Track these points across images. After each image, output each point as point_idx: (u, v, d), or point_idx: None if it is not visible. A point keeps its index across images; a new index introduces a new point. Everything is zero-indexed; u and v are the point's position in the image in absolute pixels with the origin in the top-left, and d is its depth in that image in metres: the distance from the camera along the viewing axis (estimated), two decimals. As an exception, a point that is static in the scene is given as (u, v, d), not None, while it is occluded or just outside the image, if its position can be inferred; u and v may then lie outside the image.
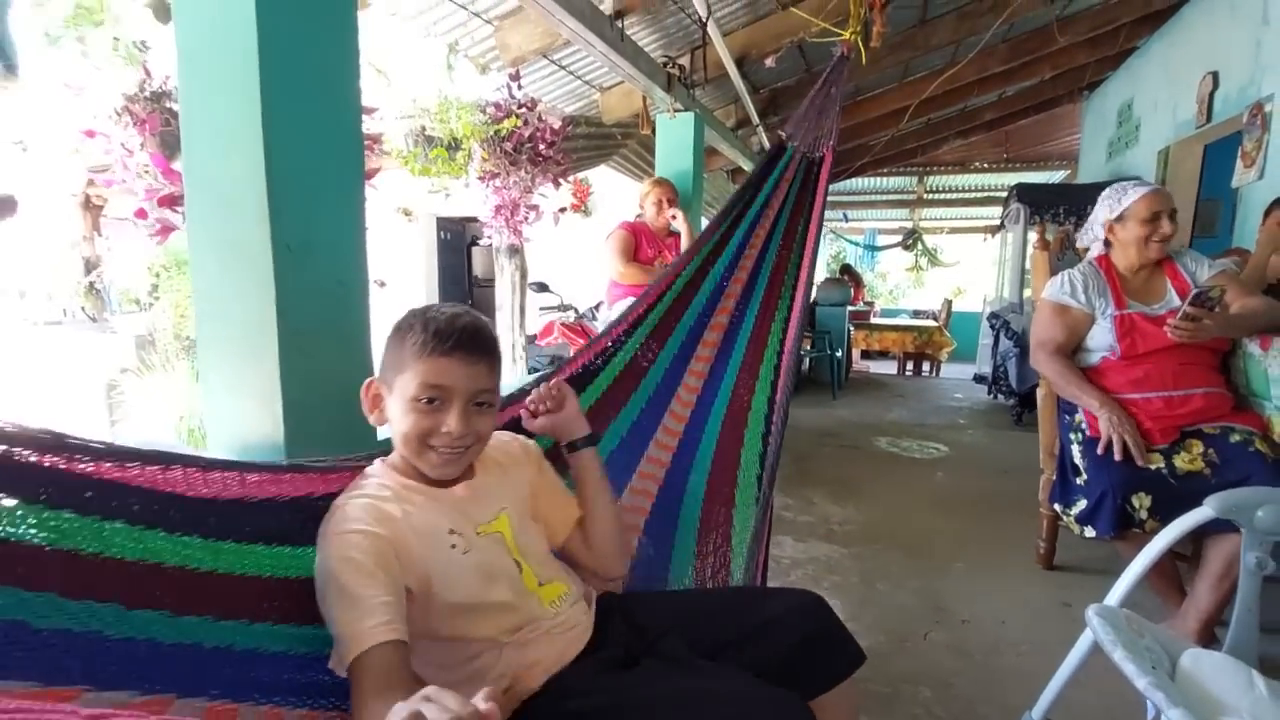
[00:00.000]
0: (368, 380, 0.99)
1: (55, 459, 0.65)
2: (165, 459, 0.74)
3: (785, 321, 1.63)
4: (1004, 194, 5.69)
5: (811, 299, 6.94)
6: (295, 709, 0.82)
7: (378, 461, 0.99)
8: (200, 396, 1.22)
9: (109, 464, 0.69)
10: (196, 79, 1.16)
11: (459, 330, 0.91)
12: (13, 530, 0.61)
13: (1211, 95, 4.11)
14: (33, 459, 0.64)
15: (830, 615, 1.04)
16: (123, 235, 1.45)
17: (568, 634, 0.97)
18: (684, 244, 2.95)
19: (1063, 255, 3.80)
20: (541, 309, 5.33)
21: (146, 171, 1.40)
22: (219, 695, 0.73)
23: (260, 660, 0.80)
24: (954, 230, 12.00)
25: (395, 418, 0.94)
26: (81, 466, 0.67)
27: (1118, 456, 1.79)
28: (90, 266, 5.69)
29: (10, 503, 0.62)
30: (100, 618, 0.66)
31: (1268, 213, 2.45)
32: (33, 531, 0.62)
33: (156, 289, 3.39)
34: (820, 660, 1.01)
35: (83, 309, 5.39)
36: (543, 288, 5.23)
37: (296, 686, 0.83)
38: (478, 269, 9.55)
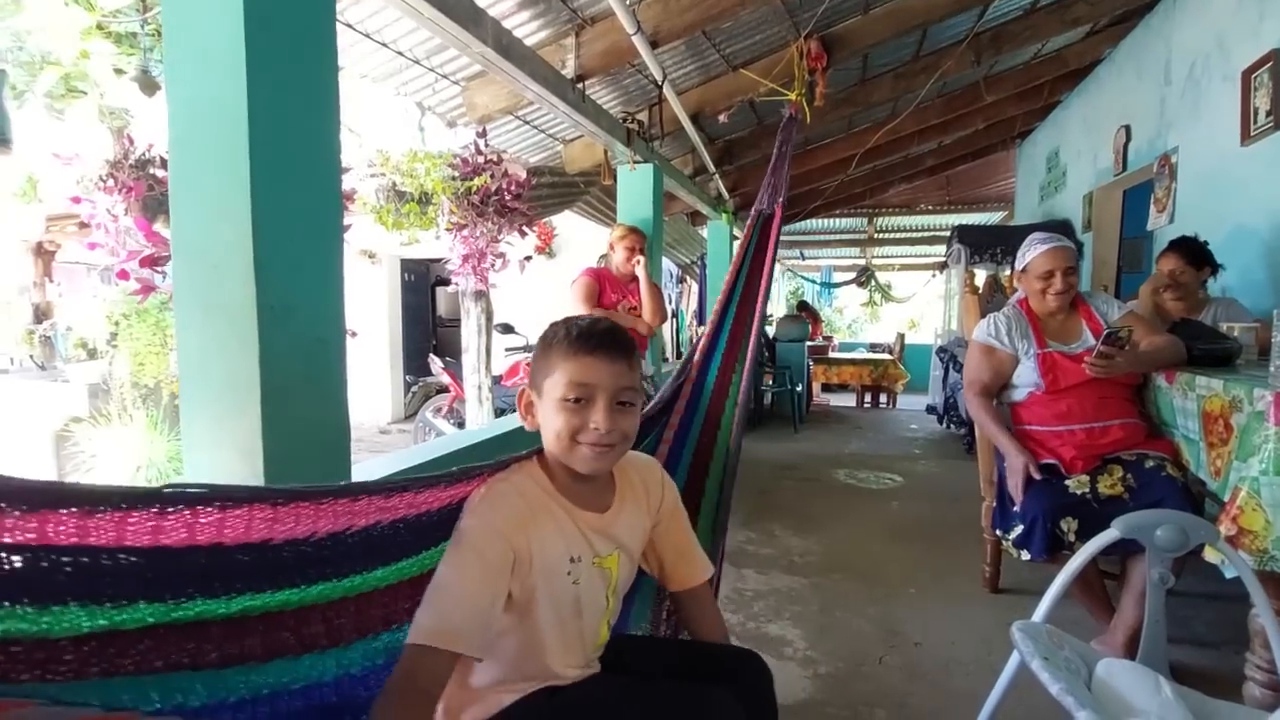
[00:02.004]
0: (520, 389, 1.05)
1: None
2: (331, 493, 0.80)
3: (742, 370, 1.73)
4: (948, 233, 6.02)
5: (771, 336, 7.16)
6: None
7: (534, 458, 1.03)
8: (184, 450, 1.27)
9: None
10: (188, 153, 1.23)
11: (599, 333, 0.98)
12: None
13: (1126, 147, 4.47)
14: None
15: (769, 686, 1.11)
16: (76, 281, 1.49)
17: (585, 671, 1.03)
18: (642, 290, 3.08)
19: (992, 298, 4.07)
20: (507, 350, 5.39)
21: (129, 233, 1.46)
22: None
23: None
24: (904, 267, 12.54)
25: (547, 420, 0.98)
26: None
27: (1017, 497, 1.96)
28: (41, 313, 5.55)
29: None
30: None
31: (1160, 258, 2.66)
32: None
33: (116, 337, 3.36)
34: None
35: (31, 357, 5.24)
36: (508, 329, 5.31)
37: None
38: (442, 309, 9.58)
